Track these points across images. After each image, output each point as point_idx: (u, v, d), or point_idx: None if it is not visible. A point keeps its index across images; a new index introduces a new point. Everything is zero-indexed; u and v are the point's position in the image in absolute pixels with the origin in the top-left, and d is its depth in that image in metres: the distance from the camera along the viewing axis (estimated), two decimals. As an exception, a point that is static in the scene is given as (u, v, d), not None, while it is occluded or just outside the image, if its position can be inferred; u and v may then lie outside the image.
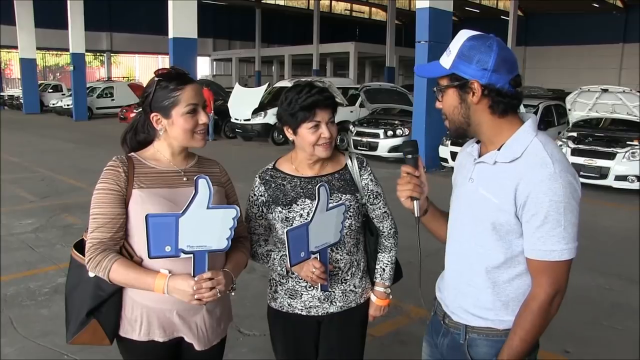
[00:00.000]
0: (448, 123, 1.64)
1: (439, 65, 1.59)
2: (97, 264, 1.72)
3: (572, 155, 9.42)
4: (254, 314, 3.98)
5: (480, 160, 1.62)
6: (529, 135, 1.54)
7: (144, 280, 1.71)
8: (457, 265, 1.72)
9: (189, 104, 1.80)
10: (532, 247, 1.51)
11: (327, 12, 44.04)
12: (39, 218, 7.03)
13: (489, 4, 41.02)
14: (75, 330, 1.81)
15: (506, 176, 1.52)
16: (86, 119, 23.12)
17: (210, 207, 1.66)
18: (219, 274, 1.72)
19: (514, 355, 1.54)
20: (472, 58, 1.52)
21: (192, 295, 1.66)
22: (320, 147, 2.00)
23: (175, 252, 1.64)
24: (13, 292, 4.64)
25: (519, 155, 1.52)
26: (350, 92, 16.34)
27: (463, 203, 1.68)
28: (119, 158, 1.83)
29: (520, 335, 1.54)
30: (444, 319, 1.77)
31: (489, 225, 1.56)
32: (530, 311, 1.53)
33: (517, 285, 1.59)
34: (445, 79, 1.59)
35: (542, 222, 1.47)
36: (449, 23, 11.08)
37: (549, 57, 39.01)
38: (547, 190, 1.45)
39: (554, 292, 1.51)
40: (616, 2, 36.05)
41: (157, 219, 1.62)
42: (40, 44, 27.24)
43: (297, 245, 1.83)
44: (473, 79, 1.52)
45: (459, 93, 1.56)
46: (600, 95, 9.94)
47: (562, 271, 1.50)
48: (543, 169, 1.47)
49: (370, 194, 2.12)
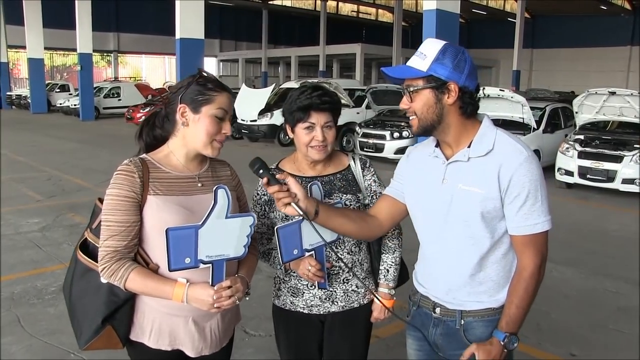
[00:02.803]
0: (417, 121, 1.73)
1: (411, 68, 1.70)
2: (112, 272, 1.69)
3: (579, 158, 9.39)
4: (260, 314, 3.99)
5: (453, 160, 1.73)
6: (492, 130, 1.73)
7: (162, 289, 1.69)
8: (447, 261, 1.79)
9: (221, 108, 1.78)
10: (517, 225, 1.67)
11: (333, 13, 44.00)
12: (46, 217, 7.07)
13: (495, 6, 40.89)
14: (89, 337, 1.79)
15: (485, 167, 1.67)
16: (93, 118, 23.24)
17: (229, 216, 1.66)
18: (237, 282, 1.72)
19: (513, 322, 1.69)
20: (450, 62, 1.65)
21: (212, 304, 1.66)
22: (313, 149, 2.02)
23: (195, 263, 1.64)
24: (20, 290, 4.67)
25: (492, 147, 1.68)
26: (357, 93, 16.33)
27: (439, 203, 1.75)
28: (132, 162, 1.78)
29: (516, 303, 1.69)
30: (434, 310, 1.84)
31: (478, 215, 1.68)
32: (523, 280, 1.69)
33: (504, 263, 1.74)
34: (419, 80, 1.69)
35: (524, 201, 1.64)
36: (456, 25, 11.06)
37: (556, 59, 38.84)
38: (526, 172, 1.63)
39: (540, 261, 1.69)
40: (624, 4, 35.86)
41: (177, 232, 1.61)
42: (48, 44, 27.41)
43: (289, 242, 1.85)
44: (450, 81, 1.66)
45: (435, 93, 1.68)
46: (607, 98, 9.92)
47: (543, 242, 1.69)
48: (519, 154, 1.65)
49: (373, 195, 2.14)
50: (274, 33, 42.00)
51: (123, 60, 41.46)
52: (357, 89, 17.17)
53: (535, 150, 10.30)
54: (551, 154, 10.37)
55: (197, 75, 1.82)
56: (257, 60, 41.35)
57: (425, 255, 1.89)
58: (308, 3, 45.18)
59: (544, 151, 10.60)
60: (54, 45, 32.84)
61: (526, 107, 10.30)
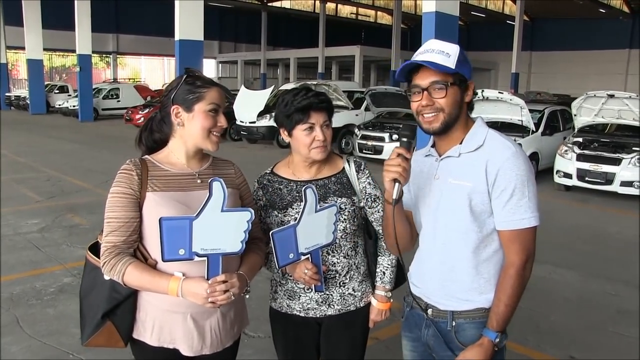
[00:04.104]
0: (443, 117, 1.73)
1: (440, 64, 1.70)
2: (111, 267, 1.72)
3: (577, 161, 9.40)
4: (259, 316, 3.96)
5: (446, 155, 1.78)
6: (483, 128, 1.79)
7: (158, 283, 1.71)
8: (438, 256, 1.81)
9: (213, 103, 1.82)
10: (504, 220, 1.69)
11: (332, 15, 44.04)
12: (45, 218, 7.07)
13: (494, 8, 40.94)
14: (90, 332, 1.82)
15: (474, 161, 1.72)
16: (92, 119, 23.24)
17: (225, 210, 1.66)
18: (233, 277, 1.72)
19: (502, 320, 1.70)
20: (468, 63, 1.74)
21: (206, 298, 1.66)
22: (315, 149, 2.02)
23: (189, 255, 1.64)
24: (19, 291, 4.66)
25: (482, 143, 1.74)
26: (356, 95, 16.33)
27: (432, 200, 1.80)
28: (132, 161, 1.83)
29: (504, 300, 1.70)
30: (426, 311, 1.85)
31: (467, 208, 1.71)
32: (509, 277, 1.70)
33: (495, 261, 1.76)
34: (449, 77, 1.71)
35: (510, 196, 1.66)
36: (455, 27, 11.08)
37: (554, 62, 38.91)
38: (513, 167, 1.66)
39: (526, 257, 1.70)
40: (623, 7, 35.94)
41: (170, 222, 1.62)
42: (47, 45, 27.40)
43: (284, 246, 1.85)
44: (470, 80, 1.76)
45: (460, 92, 1.74)
46: (606, 101, 9.92)
47: (530, 238, 1.70)
48: (506, 149, 1.70)
49: (369, 197, 2.13)
50: (273, 35, 42.04)
51: (122, 62, 41.49)
52: (356, 91, 17.18)
53: (534, 153, 10.33)
54: (550, 156, 10.38)
55: (184, 75, 1.86)
56: (256, 62, 41.39)
57: (419, 254, 1.91)
58: (307, 5, 45.22)
59: (543, 154, 10.62)
60: (53, 46, 32.84)
61: (525, 110, 10.31)
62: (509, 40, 30.20)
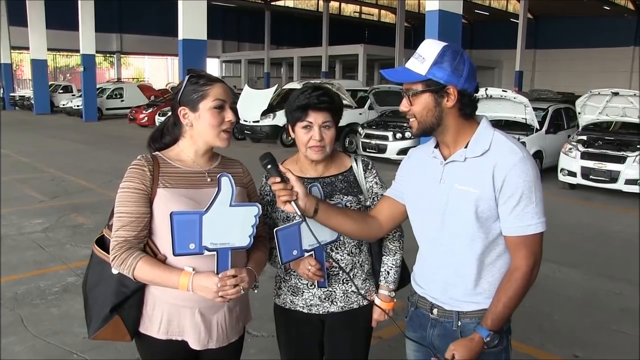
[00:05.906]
0: (416, 124, 1.74)
1: (410, 71, 1.70)
2: (122, 262, 1.74)
3: (581, 159, 9.38)
4: (263, 315, 3.96)
5: (450, 160, 1.75)
6: (489, 131, 1.74)
7: (168, 277, 1.73)
8: (443, 261, 1.80)
9: (217, 99, 1.83)
10: (510, 226, 1.67)
11: (336, 14, 43.99)
12: (49, 218, 7.09)
13: (498, 7, 40.85)
14: (97, 326, 1.83)
15: (480, 167, 1.68)
16: (96, 119, 23.27)
17: (233, 204, 1.69)
18: (242, 272, 1.75)
19: (498, 320, 1.70)
20: (449, 65, 1.66)
21: (216, 293, 1.69)
22: (311, 149, 2.03)
23: (199, 249, 1.68)
24: (23, 291, 4.68)
25: (488, 147, 1.69)
26: (359, 94, 16.31)
27: (436, 203, 1.77)
28: (144, 157, 1.85)
29: (503, 302, 1.69)
30: (431, 311, 1.85)
31: (472, 214, 1.68)
32: (514, 280, 1.69)
33: (500, 264, 1.74)
34: (419, 84, 1.69)
35: (517, 202, 1.64)
36: (459, 25, 11.05)
37: (559, 60, 38.79)
38: (520, 172, 1.64)
39: (533, 263, 1.68)
40: (628, 5, 35.78)
41: (181, 217, 1.66)
42: (51, 45, 27.48)
43: (288, 244, 1.88)
44: (449, 84, 1.66)
45: (434, 97, 1.69)
46: (610, 99, 9.89)
47: (537, 243, 1.68)
48: (514, 154, 1.66)
49: (375, 197, 2.14)
50: (276, 34, 42.00)
51: (126, 61, 41.57)
52: (360, 90, 17.15)
53: (538, 151, 10.31)
54: (554, 154, 10.36)
55: (187, 75, 1.88)
56: (260, 61, 41.41)
57: (422, 256, 1.91)
58: (310, 4, 45.20)
59: (547, 152, 10.59)
60: (57, 47, 32.93)
61: (529, 108, 10.29)
62: (512, 38, 30.09)
